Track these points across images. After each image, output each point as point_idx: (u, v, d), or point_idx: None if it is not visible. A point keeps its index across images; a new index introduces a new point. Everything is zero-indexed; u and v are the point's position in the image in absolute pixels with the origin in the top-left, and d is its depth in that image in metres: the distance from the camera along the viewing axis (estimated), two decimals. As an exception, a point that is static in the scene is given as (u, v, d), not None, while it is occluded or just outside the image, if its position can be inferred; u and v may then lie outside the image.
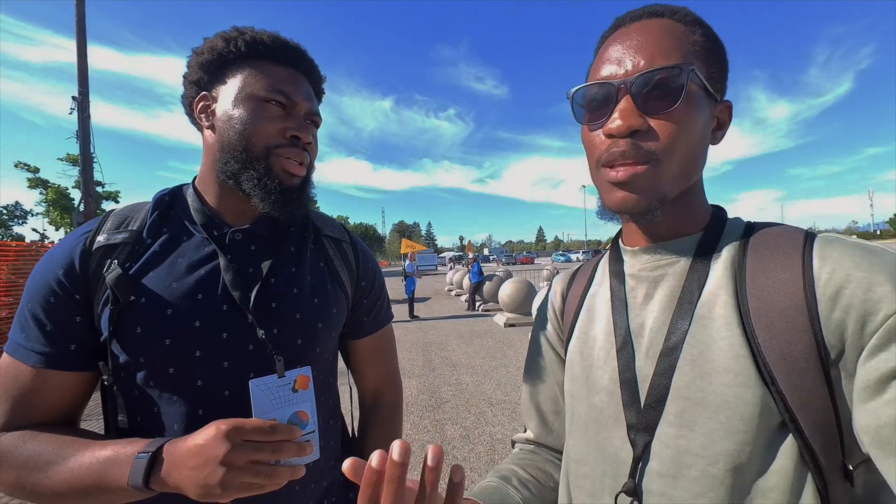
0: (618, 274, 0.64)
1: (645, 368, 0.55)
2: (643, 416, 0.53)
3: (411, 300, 11.37)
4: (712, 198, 0.63)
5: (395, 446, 0.35)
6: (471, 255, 14.13)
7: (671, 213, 0.57)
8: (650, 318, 0.56)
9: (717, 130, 0.58)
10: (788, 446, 0.45)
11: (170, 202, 0.79)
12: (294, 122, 0.75)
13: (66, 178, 17.72)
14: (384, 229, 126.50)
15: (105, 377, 0.68)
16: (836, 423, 0.44)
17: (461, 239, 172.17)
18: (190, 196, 0.79)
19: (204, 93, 0.76)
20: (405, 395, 4.82)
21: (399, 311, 11.98)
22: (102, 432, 0.72)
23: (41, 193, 18.62)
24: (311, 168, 0.80)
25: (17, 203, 34.17)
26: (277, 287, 0.76)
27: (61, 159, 17.01)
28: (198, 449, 0.56)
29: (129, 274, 0.69)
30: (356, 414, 0.97)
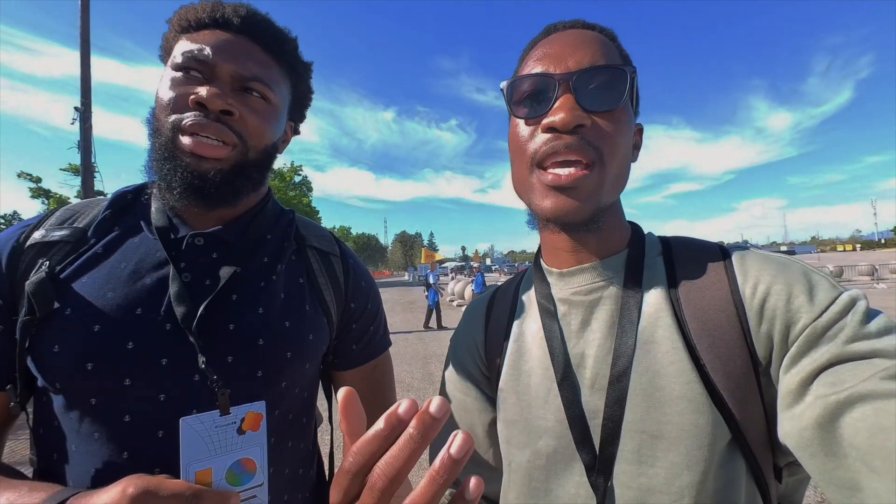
0: (546, 298, 0.59)
1: (593, 402, 0.51)
2: (600, 455, 0.49)
3: (431, 309, 10.88)
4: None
5: (435, 400, 0.27)
6: (475, 265, 13.97)
7: (599, 236, 0.55)
8: (592, 346, 0.53)
9: (634, 149, 0.59)
10: (738, 463, 0.46)
11: (132, 199, 0.66)
12: (205, 87, 0.59)
13: (67, 187, 17.77)
14: (386, 240, 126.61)
15: (12, 403, 0.56)
16: (768, 430, 0.46)
17: (463, 249, 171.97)
18: (155, 194, 0.66)
19: None
20: (404, 410, 4.66)
21: (407, 322, 11.80)
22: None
23: (43, 203, 18.60)
24: (244, 149, 0.63)
25: (14, 212, 34.33)
26: (239, 305, 0.62)
27: (63, 169, 17.05)
28: None
29: (61, 278, 0.56)
30: (338, 456, 0.83)
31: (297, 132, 0.81)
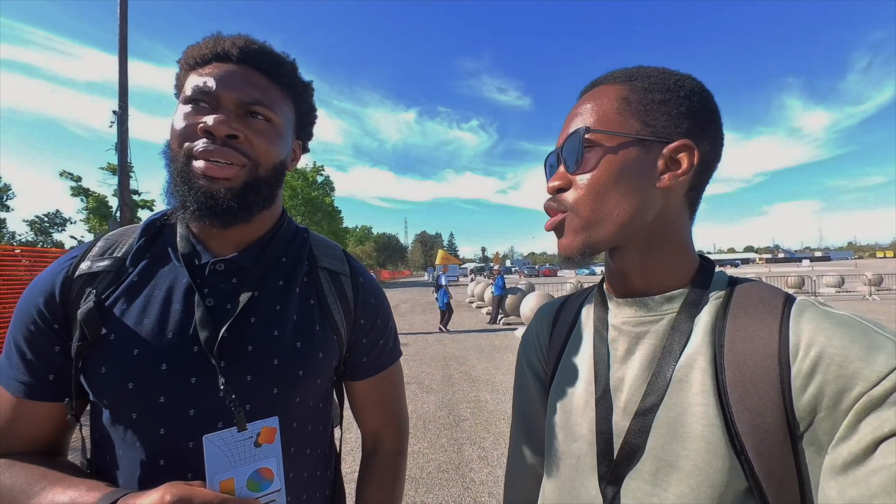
0: (602, 321, 0.65)
1: (621, 424, 0.56)
2: (613, 470, 0.55)
3: (443, 312, 10.87)
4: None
5: None
6: (495, 267, 13.86)
7: (642, 267, 0.59)
8: (630, 374, 0.58)
9: (671, 170, 0.55)
10: None
11: (160, 227, 0.73)
12: (212, 115, 0.64)
13: (106, 186, 18.57)
14: (406, 240, 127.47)
15: (69, 415, 0.64)
16: (801, 493, 0.46)
17: (483, 250, 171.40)
18: (180, 221, 0.72)
19: None
20: (423, 410, 4.72)
21: (427, 323, 11.83)
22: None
23: (82, 201, 19.45)
24: (253, 167, 0.68)
25: (57, 211, 36.36)
26: (256, 327, 0.68)
27: (102, 168, 17.82)
28: None
29: (105, 306, 0.64)
30: (353, 457, 0.88)
31: (306, 150, 0.87)
